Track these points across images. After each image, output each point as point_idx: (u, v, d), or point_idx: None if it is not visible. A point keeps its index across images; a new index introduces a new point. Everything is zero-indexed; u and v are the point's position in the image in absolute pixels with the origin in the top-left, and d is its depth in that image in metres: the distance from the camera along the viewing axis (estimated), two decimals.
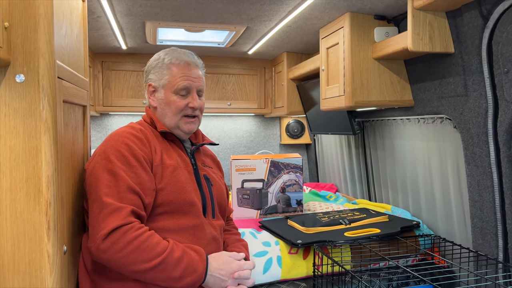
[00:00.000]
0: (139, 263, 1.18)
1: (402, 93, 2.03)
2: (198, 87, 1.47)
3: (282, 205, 2.36)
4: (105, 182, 1.23)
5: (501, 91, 1.49)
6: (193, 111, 1.45)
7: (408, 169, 2.24)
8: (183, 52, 1.49)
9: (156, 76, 1.46)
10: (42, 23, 0.99)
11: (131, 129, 1.37)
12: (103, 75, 3.10)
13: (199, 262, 1.25)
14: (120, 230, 1.18)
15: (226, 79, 3.36)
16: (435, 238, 1.89)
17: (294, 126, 3.67)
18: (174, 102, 1.43)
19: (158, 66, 1.46)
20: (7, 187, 0.97)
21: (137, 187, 1.25)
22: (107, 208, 1.19)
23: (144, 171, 1.29)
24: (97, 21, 2.19)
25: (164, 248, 1.21)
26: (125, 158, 1.28)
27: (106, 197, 1.21)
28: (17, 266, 0.98)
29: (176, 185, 1.35)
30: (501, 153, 1.52)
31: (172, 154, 1.42)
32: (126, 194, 1.23)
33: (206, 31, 2.41)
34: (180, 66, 1.44)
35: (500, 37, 1.46)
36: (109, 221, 1.18)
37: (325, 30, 2.25)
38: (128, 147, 1.30)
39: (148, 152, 1.34)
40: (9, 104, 0.97)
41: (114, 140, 1.32)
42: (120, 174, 1.24)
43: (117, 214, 1.19)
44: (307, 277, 1.75)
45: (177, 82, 1.43)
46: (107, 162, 1.26)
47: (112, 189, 1.22)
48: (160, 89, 1.46)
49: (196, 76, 1.46)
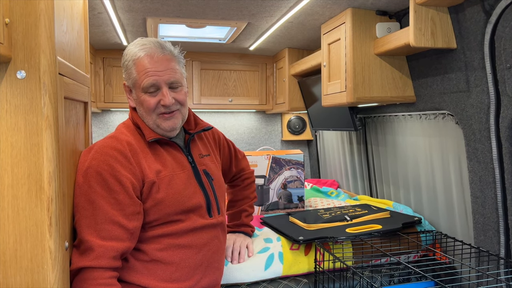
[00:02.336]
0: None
1: (404, 89, 2.02)
2: (168, 80, 1.30)
3: (284, 202, 2.36)
4: (83, 212, 1.18)
5: (504, 86, 1.49)
6: (167, 108, 1.31)
7: (410, 165, 2.24)
8: (148, 42, 1.32)
9: (126, 75, 1.35)
10: (43, 19, 0.98)
11: (116, 143, 1.27)
12: (104, 71, 3.10)
13: None
14: (86, 273, 1.15)
15: (227, 75, 3.36)
16: (436, 234, 1.89)
17: (295, 122, 3.67)
18: (145, 101, 1.30)
19: (125, 65, 1.34)
20: (8, 184, 0.97)
21: (118, 215, 1.19)
22: (83, 245, 1.16)
23: (126, 195, 1.21)
24: (98, 17, 2.19)
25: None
26: (105, 182, 1.20)
27: (84, 231, 1.17)
28: (19, 263, 0.98)
29: (174, 196, 1.30)
30: (503, 149, 1.51)
31: (166, 160, 1.34)
32: (105, 226, 1.17)
33: (207, 27, 2.41)
34: (143, 61, 1.29)
35: (503, 32, 1.45)
36: (81, 258, 1.15)
37: (326, 26, 2.24)
38: (110, 169, 1.21)
39: (134, 170, 1.25)
40: (10, 100, 0.97)
41: (96, 159, 1.22)
42: (99, 204, 1.18)
43: (91, 254, 1.15)
44: (309, 273, 1.75)
45: (142, 80, 1.29)
46: (88, 188, 1.19)
47: (90, 220, 1.17)
48: (132, 88, 1.35)
49: (164, 68, 1.29)
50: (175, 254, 1.31)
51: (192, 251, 1.33)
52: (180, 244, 1.32)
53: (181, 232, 1.32)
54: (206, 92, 3.31)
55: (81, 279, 1.15)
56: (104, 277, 1.16)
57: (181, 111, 1.36)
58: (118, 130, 1.38)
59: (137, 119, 1.37)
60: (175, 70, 1.32)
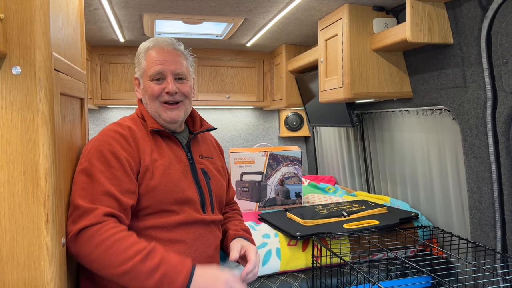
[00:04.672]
0: (107, 268, 1.11)
1: (401, 84, 2.02)
2: (174, 70, 1.38)
3: (281, 198, 2.36)
4: (81, 184, 1.20)
5: (500, 82, 1.49)
6: (171, 96, 1.37)
7: (407, 160, 2.24)
8: (161, 38, 1.43)
9: (137, 67, 1.44)
10: (38, 15, 0.98)
11: (118, 127, 1.33)
12: (101, 68, 3.09)
13: (180, 275, 1.10)
14: (88, 231, 1.12)
15: (224, 72, 3.35)
16: (433, 230, 1.90)
17: (293, 119, 3.67)
18: (149, 87, 1.38)
19: (138, 58, 1.44)
20: (5, 180, 0.97)
21: (114, 189, 1.20)
22: (77, 211, 1.15)
23: (123, 173, 1.24)
24: (94, 13, 2.18)
25: (136, 252, 1.11)
26: (105, 158, 1.23)
27: (78, 199, 1.17)
28: (16, 259, 0.98)
29: (168, 185, 1.31)
30: (500, 144, 1.52)
31: (164, 151, 1.37)
32: (100, 197, 1.18)
33: (204, 23, 2.40)
34: (153, 51, 1.39)
35: (499, 28, 1.46)
36: (78, 223, 1.13)
37: (323, 22, 2.24)
38: (110, 147, 1.26)
39: (133, 152, 1.29)
40: (6, 96, 0.96)
41: (98, 140, 1.29)
42: (96, 176, 1.20)
43: (87, 216, 1.14)
44: (306, 268, 1.76)
45: (151, 67, 1.38)
46: (87, 164, 1.23)
47: (87, 191, 1.18)
48: (141, 79, 1.43)
49: (171, 59, 1.38)
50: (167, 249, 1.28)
51: (184, 246, 1.32)
52: (172, 238, 1.31)
53: (173, 224, 1.31)
54: (203, 89, 3.31)
55: (88, 235, 1.11)
56: (112, 224, 1.15)
57: (184, 104, 1.41)
58: (121, 119, 1.43)
59: (143, 110, 1.43)
60: (182, 63, 1.41)
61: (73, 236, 1.13)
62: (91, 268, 1.15)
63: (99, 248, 1.11)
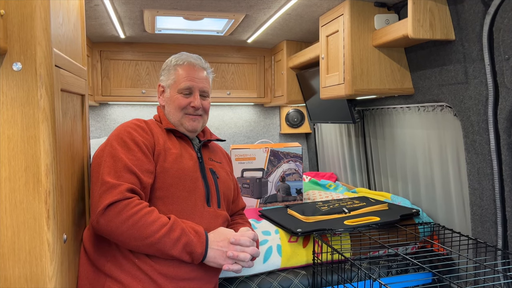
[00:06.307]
0: (136, 240, 1.23)
1: (402, 81, 2.02)
2: (201, 88, 1.54)
3: (282, 194, 2.36)
4: (107, 164, 1.31)
5: (502, 78, 1.48)
6: (195, 110, 1.52)
7: (408, 157, 2.24)
8: (190, 55, 1.59)
9: (165, 77, 1.57)
10: (39, 11, 0.97)
11: (136, 121, 1.48)
12: (102, 64, 3.08)
13: (198, 244, 1.28)
14: (117, 205, 1.23)
15: (225, 68, 3.35)
16: (434, 226, 1.90)
17: (294, 115, 3.67)
18: (177, 99, 1.52)
19: (167, 69, 1.57)
20: (6, 177, 0.97)
21: (135, 168, 1.31)
22: (104, 186, 1.26)
23: (142, 154, 1.36)
24: (94, 9, 2.17)
25: (161, 226, 1.25)
26: (125, 143, 1.36)
27: (105, 176, 1.28)
28: (17, 255, 0.98)
29: (179, 171, 1.41)
30: (501, 140, 1.51)
31: (176, 145, 1.48)
32: (123, 173, 1.29)
33: (204, 19, 2.39)
34: (185, 68, 1.54)
35: (501, 24, 1.45)
36: (106, 197, 1.23)
37: (324, 18, 2.23)
38: (129, 134, 1.39)
39: (150, 139, 1.42)
40: (7, 93, 0.96)
41: (118, 130, 1.42)
42: (118, 156, 1.32)
43: (114, 190, 1.24)
44: (307, 265, 1.76)
45: (181, 82, 1.52)
46: (110, 148, 1.35)
47: (111, 169, 1.30)
48: (167, 89, 1.56)
49: (200, 77, 1.54)
50: None
51: None
52: None
53: (181, 212, 1.37)
54: None
55: (117, 210, 1.22)
56: (138, 201, 1.26)
57: (203, 117, 1.57)
58: None
59: (161, 114, 1.58)
60: (208, 82, 1.59)
61: (101, 211, 1.22)
62: (118, 241, 1.26)
63: (127, 222, 1.22)
